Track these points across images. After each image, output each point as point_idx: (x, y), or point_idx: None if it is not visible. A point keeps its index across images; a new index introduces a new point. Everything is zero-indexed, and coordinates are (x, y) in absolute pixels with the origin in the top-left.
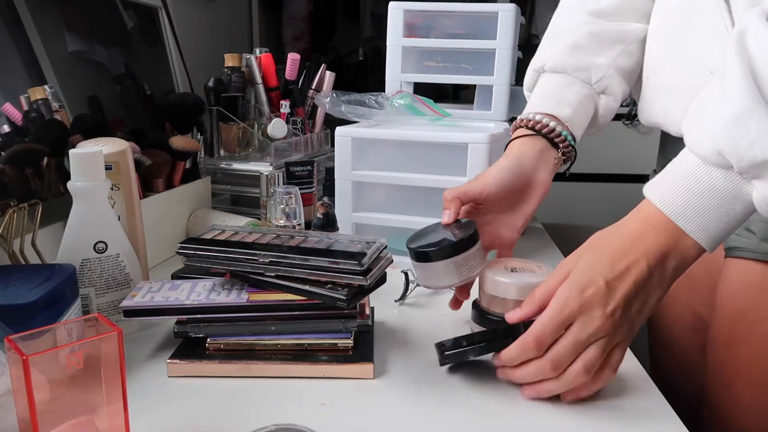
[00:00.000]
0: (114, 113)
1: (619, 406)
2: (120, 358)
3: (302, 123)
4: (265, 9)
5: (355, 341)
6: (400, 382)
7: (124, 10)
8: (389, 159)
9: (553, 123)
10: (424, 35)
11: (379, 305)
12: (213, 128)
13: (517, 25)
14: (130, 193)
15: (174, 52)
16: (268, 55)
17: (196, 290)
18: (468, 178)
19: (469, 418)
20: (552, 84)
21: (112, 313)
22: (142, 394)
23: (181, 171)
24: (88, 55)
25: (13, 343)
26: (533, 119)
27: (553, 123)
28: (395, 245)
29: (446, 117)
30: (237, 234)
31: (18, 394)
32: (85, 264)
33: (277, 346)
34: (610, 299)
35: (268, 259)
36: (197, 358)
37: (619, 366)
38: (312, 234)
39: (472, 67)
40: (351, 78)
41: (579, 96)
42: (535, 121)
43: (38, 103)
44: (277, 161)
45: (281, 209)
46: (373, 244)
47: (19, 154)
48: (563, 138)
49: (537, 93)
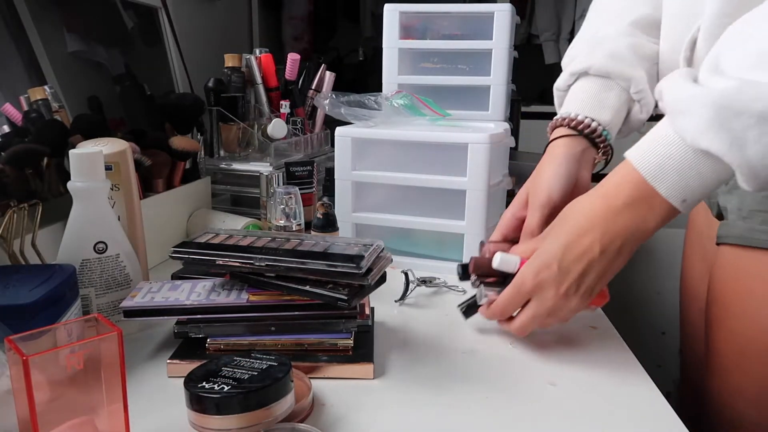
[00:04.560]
0: (114, 113)
1: (618, 406)
2: (120, 358)
3: (302, 123)
4: (265, 9)
5: (355, 341)
6: (400, 382)
7: (124, 10)
8: (389, 159)
9: (595, 123)
10: (420, 37)
11: (379, 305)
12: (213, 128)
13: (513, 24)
14: (130, 193)
15: (174, 52)
16: (268, 55)
17: (196, 291)
18: (468, 178)
19: (469, 418)
20: (593, 86)
21: (112, 313)
22: (142, 394)
23: (181, 171)
24: (88, 55)
25: (13, 344)
26: (576, 119)
27: (594, 123)
28: (395, 245)
29: (446, 117)
30: (231, 237)
31: (18, 394)
32: (85, 264)
33: (277, 346)
34: (563, 281)
35: (265, 263)
36: (197, 359)
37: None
38: (308, 236)
39: (469, 68)
40: (351, 78)
41: (618, 101)
42: (578, 121)
43: (38, 103)
44: (277, 161)
45: (281, 209)
46: (371, 246)
47: (19, 155)
48: (604, 138)
49: (576, 94)
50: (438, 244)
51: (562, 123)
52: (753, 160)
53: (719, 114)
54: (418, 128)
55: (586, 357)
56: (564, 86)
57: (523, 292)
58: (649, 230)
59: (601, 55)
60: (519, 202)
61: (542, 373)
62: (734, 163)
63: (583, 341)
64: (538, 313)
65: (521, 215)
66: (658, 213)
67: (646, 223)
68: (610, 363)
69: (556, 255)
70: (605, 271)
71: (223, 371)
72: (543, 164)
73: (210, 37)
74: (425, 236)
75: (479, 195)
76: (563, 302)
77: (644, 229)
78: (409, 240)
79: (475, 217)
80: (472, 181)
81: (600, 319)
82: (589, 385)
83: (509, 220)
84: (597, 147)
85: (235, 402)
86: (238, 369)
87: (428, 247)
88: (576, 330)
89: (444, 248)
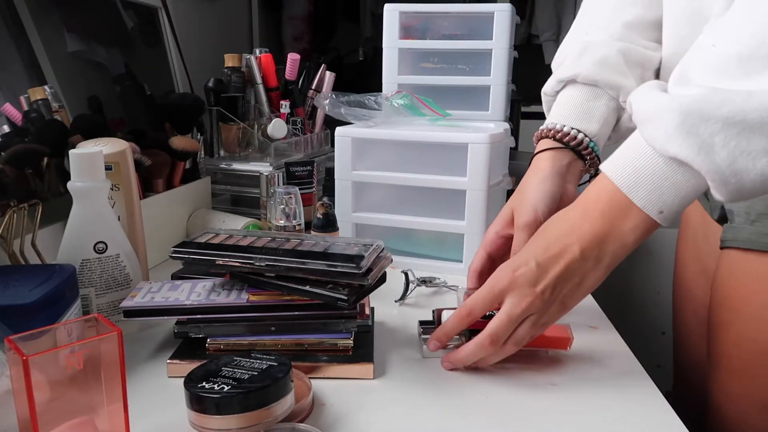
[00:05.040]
0: (114, 113)
1: (617, 405)
2: (120, 358)
3: (302, 123)
4: (265, 9)
5: (355, 341)
6: (400, 382)
7: (124, 10)
8: (389, 159)
9: (581, 135)
10: (420, 37)
11: (379, 305)
12: (213, 128)
13: (513, 24)
14: (130, 193)
15: (174, 52)
16: (268, 55)
17: (196, 291)
18: (468, 178)
19: (469, 418)
20: (580, 95)
21: (112, 313)
22: (142, 394)
23: (181, 171)
24: (88, 55)
25: (13, 344)
26: (561, 131)
27: (581, 135)
28: (395, 245)
29: (446, 117)
30: (231, 237)
31: (18, 394)
32: (85, 264)
33: (277, 346)
34: (540, 279)
35: (265, 263)
36: (197, 359)
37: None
38: (308, 236)
39: (469, 68)
40: (351, 78)
41: (607, 110)
42: (563, 132)
43: (38, 103)
44: (277, 161)
45: (281, 209)
46: (371, 246)
47: (19, 155)
48: (590, 150)
49: (563, 103)
50: (438, 244)
51: (548, 134)
52: (721, 166)
53: (686, 120)
54: (418, 128)
55: (586, 357)
56: (552, 92)
57: (497, 289)
58: (628, 242)
59: (590, 61)
60: (503, 220)
61: (542, 373)
62: (703, 169)
63: (583, 341)
64: (512, 314)
65: (505, 233)
66: (637, 224)
67: (624, 233)
68: (610, 363)
69: (535, 253)
70: (583, 278)
71: (223, 371)
72: (528, 180)
73: (210, 37)
74: (425, 236)
75: (479, 195)
76: (539, 303)
77: (623, 240)
78: (409, 240)
79: (475, 217)
80: (472, 181)
81: (600, 319)
82: (589, 385)
83: (493, 238)
84: (583, 159)
85: (235, 402)
86: (238, 369)
87: (428, 247)
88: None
89: (444, 248)
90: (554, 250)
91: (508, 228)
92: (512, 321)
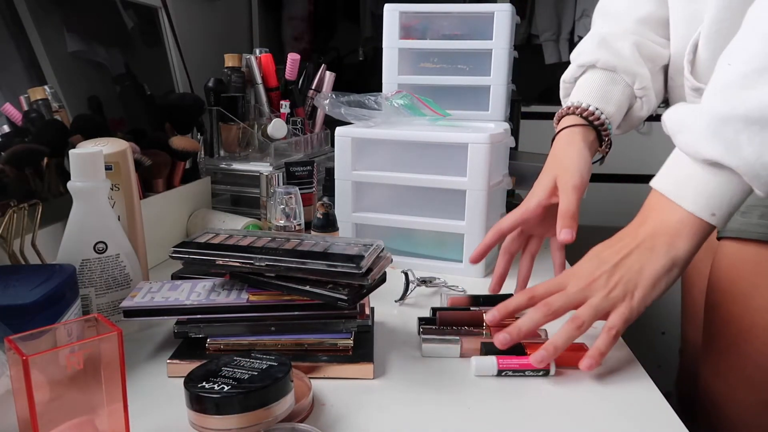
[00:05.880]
0: (114, 113)
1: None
2: (120, 358)
3: (302, 123)
4: (265, 9)
5: (355, 341)
6: (400, 382)
7: (124, 10)
8: (389, 159)
9: (603, 114)
10: (420, 37)
11: (379, 305)
12: (213, 128)
13: (513, 24)
14: (130, 193)
15: (174, 52)
16: (268, 55)
17: (196, 290)
18: (468, 178)
19: (469, 417)
20: (600, 79)
21: (112, 313)
22: (142, 394)
23: (181, 171)
24: (88, 55)
25: (13, 344)
26: (587, 109)
27: (603, 115)
28: (395, 245)
29: (446, 117)
30: (231, 237)
31: (18, 394)
32: (85, 264)
33: (277, 346)
34: (601, 265)
35: (265, 263)
36: (197, 359)
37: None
38: (308, 236)
39: (469, 68)
40: (351, 78)
41: (623, 96)
42: (589, 111)
43: (38, 103)
44: (277, 161)
45: (281, 209)
46: (371, 246)
47: (19, 154)
48: (608, 131)
49: (584, 86)
50: (438, 244)
51: (574, 111)
52: (750, 161)
53: (710, 123)
54: (418, 128)
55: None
56: (571, 78)
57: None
58: (679, 234)
59: (607, 51)
60: (545, 189)
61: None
62: (733, 165)
63: (584, 341)
64: (570, 292)
65: (547, 203)
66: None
67: (672, 226)
68: (610, 363)
69: (596, 250)
70: (642, 267)
71: (223, 371)
72: (563, 150)
73: (210, 37)
74: (425, 236)
75: (479, 195)
76: (599, 286)
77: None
78: (409, 240)
79: (475, 217)
80: (472, 181)
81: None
82: (589, 385)
83: (535, 208)
84: (601, 139)
85: (235, 402)
86: (238, 369)
87: (428, 247)
88: None
89: (444, 248)
90: (615, 244)
91: (552, 197)
92: (570, 298)
